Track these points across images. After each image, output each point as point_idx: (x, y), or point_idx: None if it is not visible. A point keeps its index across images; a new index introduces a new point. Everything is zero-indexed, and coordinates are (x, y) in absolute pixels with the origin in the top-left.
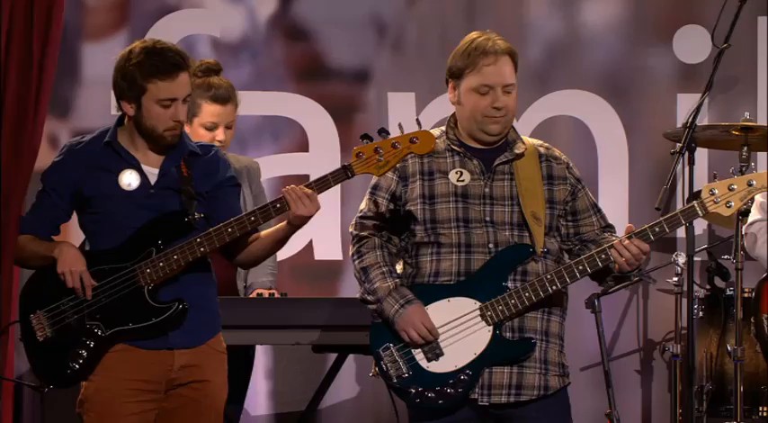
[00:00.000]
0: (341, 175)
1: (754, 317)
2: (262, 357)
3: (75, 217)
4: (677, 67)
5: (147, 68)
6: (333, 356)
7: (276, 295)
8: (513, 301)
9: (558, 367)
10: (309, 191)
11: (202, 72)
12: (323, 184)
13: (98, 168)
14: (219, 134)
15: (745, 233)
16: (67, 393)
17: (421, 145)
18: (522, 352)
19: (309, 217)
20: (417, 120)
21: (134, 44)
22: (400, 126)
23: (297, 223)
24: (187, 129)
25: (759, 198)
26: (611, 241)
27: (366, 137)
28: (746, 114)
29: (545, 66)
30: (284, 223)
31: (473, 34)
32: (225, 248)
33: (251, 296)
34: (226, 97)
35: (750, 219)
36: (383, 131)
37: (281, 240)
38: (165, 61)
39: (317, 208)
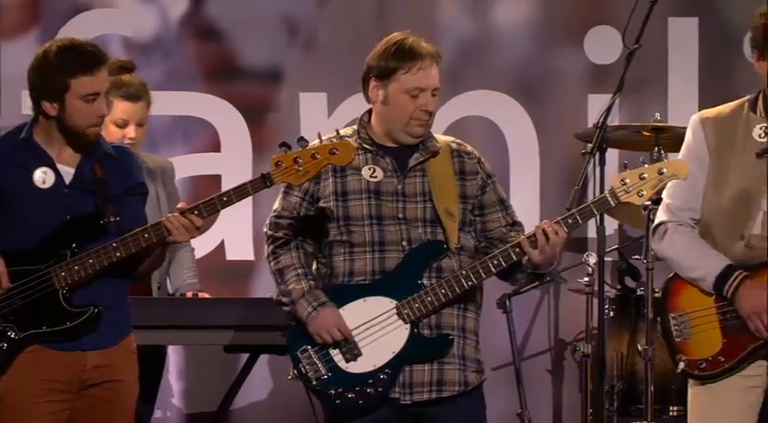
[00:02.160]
0: (260, 184)
1: (660, 316)
2: (173, 357)
3: None
4: (588, 67)
5: (69, 65)
6: (245, 357)
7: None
8: (429, 299)
9: (475, 363)
10: (187, 222)
11: (115, 70)
12: (240, 193)
13: (12, 165)
14: (130, 131)
15: (652, 233)
16: None
17: (340, 156)
18: (440, 349)
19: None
20: (337, 130)
21: (48, 44)
22: (319, 135)
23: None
24: None
25: (666, 199)
26: (519, 239)
27: (284, 145)
28: (657, 115)
29: (456, 66)
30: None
31: (398, 35)
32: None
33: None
34: (137, 95)
35: (656, 220)
36: (302, 140)
37: (160, 255)
38: (86, 56)
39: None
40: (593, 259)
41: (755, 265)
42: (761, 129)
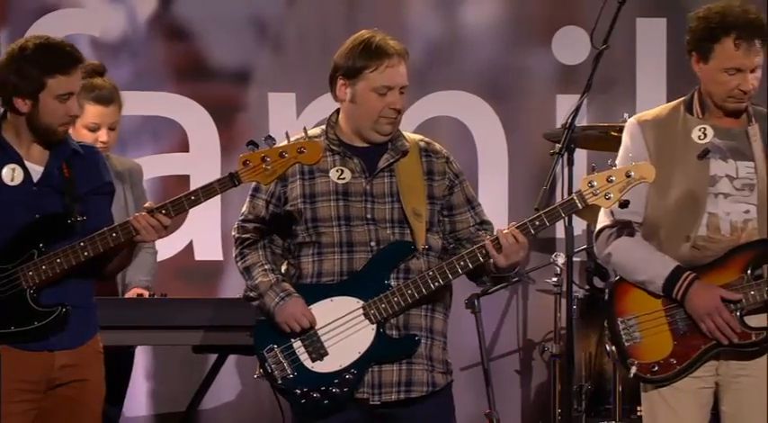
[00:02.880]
0: (227, 183)
1: (608, 321)
2: (141, 358)
3: None
4: (556, 67)
5: (47, 64)
6: (213, 357)
7: (146, 296)
8: (395, 299)
9: (442, 364)
10: (155, 222)
11: (87, 73)
12: (208, 192)
13: None
14: (102, 135)
15: (595, 238)
16: None
17: (308, 155)
18: (405, 349)
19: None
20: (305, 128)
21: (23, 41)
22: (287, 135)
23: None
24: (71, 130)
25: None
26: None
27: (252, 144)
28: (625, 115)
29: (425, 66)
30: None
31: (365, 33)
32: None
33: (128, 295)
34: (109, 98)
35: (599, 225)
36: (269, 139)
37: (128, 254)
38: (64, 56)
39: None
40: (561, 259)
41: (702, 266)
42: (699, 130)
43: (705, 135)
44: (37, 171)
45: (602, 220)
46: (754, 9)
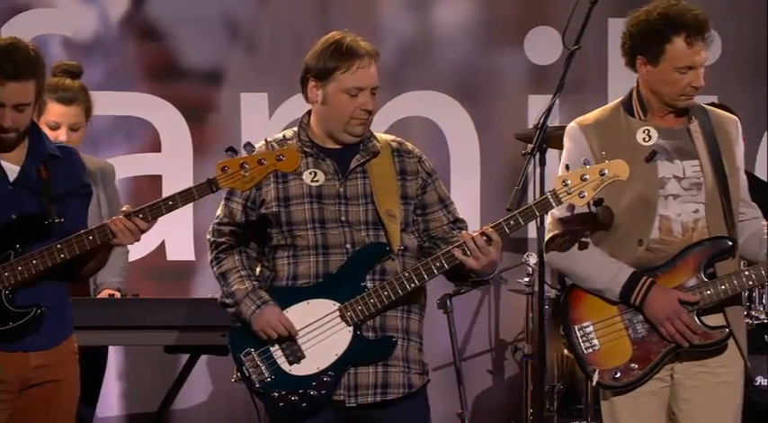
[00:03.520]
0: (205, 188)
1: (564, 329)
2: (114, 358)
3: None
4: (528, 68)
5: None
6: (185, 357)
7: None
8: (372, 301)
9: (418, 365)
10: (132, 226)
11: (60, 72)
12: (186, 197)
13: None
14: (62, 134)
15: (546, 247)
16: None
17: (287, 162)
18: (383, 351)
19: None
20: (284, 135)
21: None
22: (267, 141)
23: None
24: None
25: (555, 211)
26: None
27: (231, 150)
28: None
29: (397, 67)
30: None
31: (335, 34)
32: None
33: (100, 296)
34: (70, 99)
35: (548, 234)
36: (248, 146)
37: (104, 257)
38: (10, 65)
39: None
40: (533, 259)
41: (655, 268)
42: (644, 132)
43: (650, 137)
44: (13, 170)
45: (551, 228)
46: (695, 6)
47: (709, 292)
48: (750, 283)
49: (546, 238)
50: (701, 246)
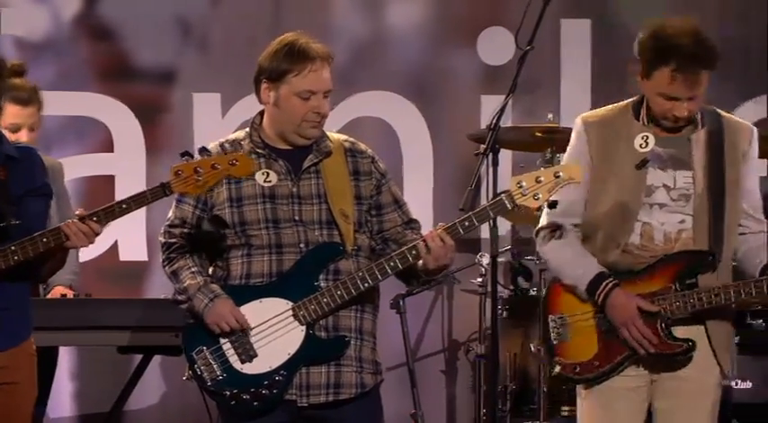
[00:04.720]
0: (159, 192)
1: (542, 318)
2: (65, 358)
3: None
4: (481, 68)
5: None
6: (138, 357)
7: (69, 295)
8: (325, 300)
9: (372, 365)
10: (86, 228)
11: (6, 73)
12: (139, 201)
13: None
14: (23, 136)
15: (536, 237)
16: None
17: (240, 168)
18: (335, 350)
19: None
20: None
21: None
22: (221, 144)
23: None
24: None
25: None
26: (414, 240)
27: (187, 154)
28: (550, 116)
29: (349, 67)
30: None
31: (289, 36)
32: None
33: (51, 294)
34: (27, 99)
35: (539, 224)
36: (204, 151)
37: (61, 258)
38: None
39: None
40: (486, 260)
41: (631, 272)
42: (642, 138)
43: (647, 143)
44: None
45: (542, 219)
46: (704, 35)
47: (678, 303)
48: (728, 300)
49: (536, 229)
50: (681, 257)
